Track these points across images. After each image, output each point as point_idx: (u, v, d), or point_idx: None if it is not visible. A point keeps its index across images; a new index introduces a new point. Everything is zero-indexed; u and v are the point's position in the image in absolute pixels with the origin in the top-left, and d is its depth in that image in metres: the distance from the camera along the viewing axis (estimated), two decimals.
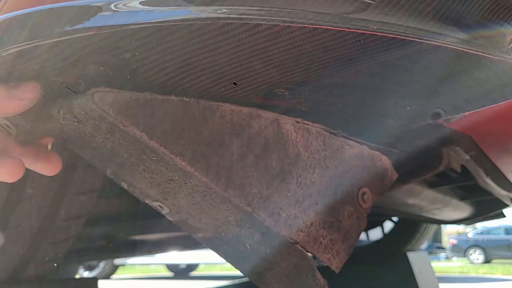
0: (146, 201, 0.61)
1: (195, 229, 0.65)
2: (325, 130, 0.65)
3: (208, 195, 0.55)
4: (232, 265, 0.71)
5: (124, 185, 0.60)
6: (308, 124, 0.63)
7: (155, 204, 0.62)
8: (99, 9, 0.39)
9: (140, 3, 0.39)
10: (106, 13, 0.38)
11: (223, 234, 0.62)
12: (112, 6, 0.38)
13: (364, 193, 0.68)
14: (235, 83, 0.51)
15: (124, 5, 0.38)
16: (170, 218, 0.64)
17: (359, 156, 0.68)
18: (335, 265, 0.63)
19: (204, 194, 0.55)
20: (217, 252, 0.69)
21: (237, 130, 0.55)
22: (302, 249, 0.59)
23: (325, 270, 0.68)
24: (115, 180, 0.61)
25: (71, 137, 0.55)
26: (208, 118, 0.53)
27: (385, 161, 0.73)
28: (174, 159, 0.50)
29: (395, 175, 0.74)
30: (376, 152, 0.71)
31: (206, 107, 0.53)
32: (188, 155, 0.50)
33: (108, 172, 0.61)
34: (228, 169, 0.53)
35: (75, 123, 0.49)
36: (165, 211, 0.62)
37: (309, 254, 0.61)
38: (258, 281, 0.72)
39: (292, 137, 0.60)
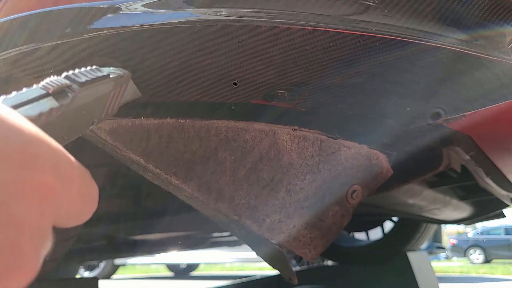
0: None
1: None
2: (322, 135, 0.65)
3: (201, 204, 0.57)
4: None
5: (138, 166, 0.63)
6: (305, 131, 0.63)
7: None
8: (99, 11, 0.39)
9: (143, 5, 0.39)
10: (108, 15, 0.38)
11: (217, 221, 0.65)
12: (114, 9, 0.38)
13: (354, 191, 0.69)
14: (235, 83, 0.51)
15: (126, 7, 0.39)
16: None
17: (355, 156, 0.69)
18: (310, 257, 0.66)
19: (197, 202, 0.57)
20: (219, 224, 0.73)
21: (231, 146, 0.56)
22: (279, 248, 0.62)
23: (326, 270, 0.69)
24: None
25: None
26: (203, 138, 0.54)
27: (382, 159, 0.73)
28: (168, 179, 0.52)
29: (390, 173, 0.74)
30: (374, 151, 0.71)
31: (201, 126, 0.54)
32: (182, 174, 0.53)
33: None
34: (219, 184, 0.56)
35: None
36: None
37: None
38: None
39: (287, 146, 0.61)
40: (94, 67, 0.36)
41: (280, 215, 0.61)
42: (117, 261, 5.57)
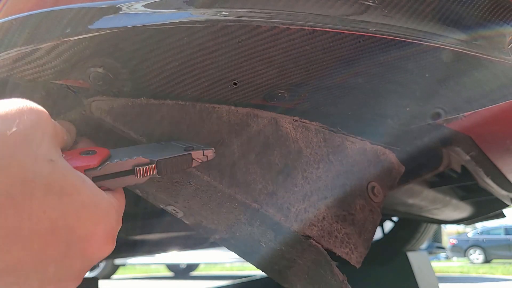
0: (161, 206, 0.61)
1: (210, 230, 0.64)
2: (324, 128, 0.64)
3: (214, 194, 0.55)
4: (253, 265, 0.70)
5: (138, 192, 0.60)
6: (306, 122, 0.62)
7: (169, 209, 0.61)
8: (99, 11, 0.39)
9: (143, 5, 0.39)
10: (108, 15, 0.38)
11: (237, 233, 0.61)
12: (115, 9, 0.38)
13: (373, 187, 0.67)
14: (235, 83, 0.51)
15: (126, 7, 0.39)
16: (186, 221, 0.63)
17: (362, 151, 0.68)
18: (355, 259, 0.62)
19: (210, 194, 0.55)
20: (235, 253, 0.69)
21: (235, 129, 0.55)
22: (316, 243, 0.58)
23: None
24: (130, 188, 0.61)
25: None
26: (205, 119, 0.53)
27: (390, 155, 0.72)
28: None
29: (402, 168, 0.73)
30: (379, 147, 0.70)
31: (202, 109, 0.53)
32: None
33: None
34: (230, 167, 0.53)
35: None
36: (179, 214, 0.62)
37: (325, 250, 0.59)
38: (281, 281, 0.71)
39: (292, 135, 0.60)
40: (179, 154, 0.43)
41: (304, 204, 0.58)
42: (117, 261, 5.56)
